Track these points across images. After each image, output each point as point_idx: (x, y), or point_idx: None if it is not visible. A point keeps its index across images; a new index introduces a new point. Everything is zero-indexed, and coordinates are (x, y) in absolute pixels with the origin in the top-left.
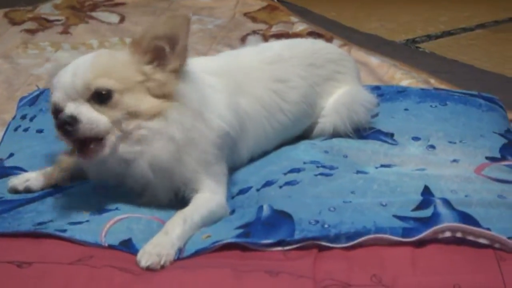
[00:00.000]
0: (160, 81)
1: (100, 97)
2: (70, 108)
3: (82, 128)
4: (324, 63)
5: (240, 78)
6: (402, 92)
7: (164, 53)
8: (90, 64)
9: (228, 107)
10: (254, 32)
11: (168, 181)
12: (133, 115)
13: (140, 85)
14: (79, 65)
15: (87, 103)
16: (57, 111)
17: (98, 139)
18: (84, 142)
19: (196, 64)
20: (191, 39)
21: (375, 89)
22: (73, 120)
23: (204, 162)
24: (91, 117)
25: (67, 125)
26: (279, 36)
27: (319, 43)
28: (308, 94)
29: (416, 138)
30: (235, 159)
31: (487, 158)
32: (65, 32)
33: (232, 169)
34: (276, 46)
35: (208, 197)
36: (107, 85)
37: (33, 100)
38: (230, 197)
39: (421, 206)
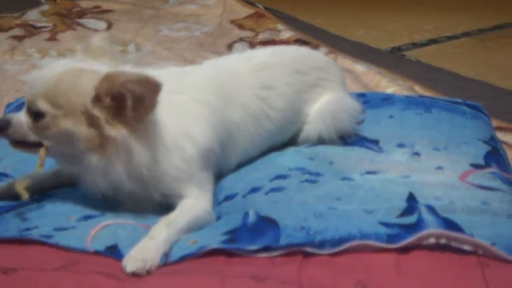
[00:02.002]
0: (102, 124)
1: (34, 114)
2: (10, 114)
3: (10, 131)
4: (310, 70)
5: (228, 86)
6: (387, 100)
7: (124, 103)
8: (45, 80)
9: (209, 127)
10: (241, 39)
11: (147, 191)
12: (65, 140)
13: (81, 115)
14: (42, 75)
15: (26, 111)
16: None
17: (27, 143)
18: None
19: (182, 76)
20: (179, 46)
21: (361, 96)
22: (4, 124)
23: (185, 174)
24: (19, 123)
25: (1, 126)
26: (265, 43)
27: (305, 50)
28: (294, 101)
29: (401, 145)
30: (222, 167)
31: (471, 165)
32: (52, 39)
33: (219, 176)
34: (263, 53)
35: (193, 202)
36: (42, 107)
37: (20, 106)
38: (217, 203)
39: (405, 212)
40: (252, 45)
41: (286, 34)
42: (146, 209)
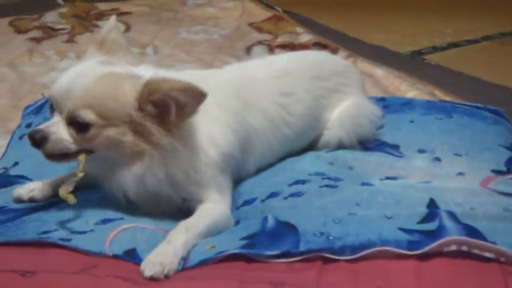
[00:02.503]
0: (148, 130)
1: (79, 125)
2: (46, 123)
3: (48, 146)
4: (330, 76)
5: (248, 91)
6: (407, 104)
7: (167, 110)
8: (86, 89)
9: (231, 131)
10: (260, 42)
11: (135, 189)
12: (109, 148)
13: (126, 123)
14: (78, 82)
15: (66, 122)
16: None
17: (66, 154)
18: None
19: (204, 79)
20: (198, 49)
21: (381, 100)
22: (42, 138)
23: (200, 180)
24: (60, 138)
25: (36, 139)
26: (284, 46)
27: (325, 55)
28: (313, 107)
29: (421, 151)
30: (241, 172)
31: (492, 171)
32: (71, 41)
33: (238, 181)
34: (282, 59)
35: (212, 207)
36: (88, 118)
37: (39, 109)
38: (235, 208)
39: (426, 218)
40: (271, 48)
41: (305, 37)
42: (164, 212)
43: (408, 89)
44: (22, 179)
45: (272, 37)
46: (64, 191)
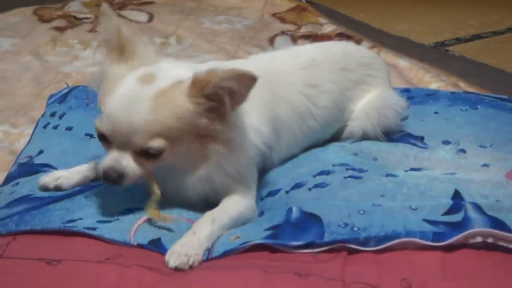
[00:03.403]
0: (212, 130)
1: (149, 154)
2: (114, 159)
3: (126, 183)
4: (356, 67)
5: (276, 83)
6: (432, 95)
7: (222, 103)
8: (147, 119)
9: (266, 121)
10: (283, 32)
11: (200, 189)
12: (179, 161)
13: (192, 135)
14: (135, 114)
15: (136, 155)
16: (102, 137)
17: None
18: None
19: None
20: (221, 39)
21: (405, 91)
22: (119, 177)
23: (240, 170)
24: (135, 171)
25: (113, 177)
26: (307, 37)
27: (351, 47)
28: (338, 99)
29: (446, 142)
30: (267, 163)
31: None
32: (94, 30)
33: (262, 172)
34: (309, 50)
35: (238, 199)
36: (160, 146)
37: (63, 98)
38: (259, 199)
39: (451, 210)
40: (294, 38)
41: (328, 28)
42: (190, 202)
43: (432, 80)
44: (46, 167)
45: (295, 28)
46: (156, 214)
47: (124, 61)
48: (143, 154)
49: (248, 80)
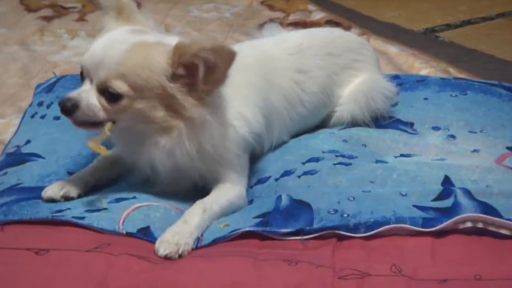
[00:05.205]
0: (180, 103)
1: (110, 95)
2: (77, 92)
3: (79, 114)
4: (343, 52)
5: (268, 69)
6: (421, 81)
7: (196, 74)
8: (118, 58)
9: (258, 109)
10: (272, 20)
11: (166, 162)
12: (138, 121)
13: (157, 96)
14: (110, 51)
15: (98, 91)
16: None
17: (94, 123)
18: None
19: None
20: (209, 27)
21: (394, 78)
22: (73, 106)
23: (225, 157)
24: (90, 106)
25: (67, 106)
26: (296, 24)
27: (338, 32)
28: (326, 84)
29: (436, 128)
30: (257, 151)
31: (508, 148)
32: (81, 19)
33: (252, 160)
34: (295, 36)
35: (229, 187)
36: (120, 89)
37: (50, 87)
38: (249, 186)
39: (441, 196)
40: (283, 26)
41: (317, 15)
42: (180, 190)
43: (422, 66)
44: (34, 157)
45: (284, 15)
46: (94, 144)
47: (122, 20)
48: (104, 93)
49: (227, 55)
